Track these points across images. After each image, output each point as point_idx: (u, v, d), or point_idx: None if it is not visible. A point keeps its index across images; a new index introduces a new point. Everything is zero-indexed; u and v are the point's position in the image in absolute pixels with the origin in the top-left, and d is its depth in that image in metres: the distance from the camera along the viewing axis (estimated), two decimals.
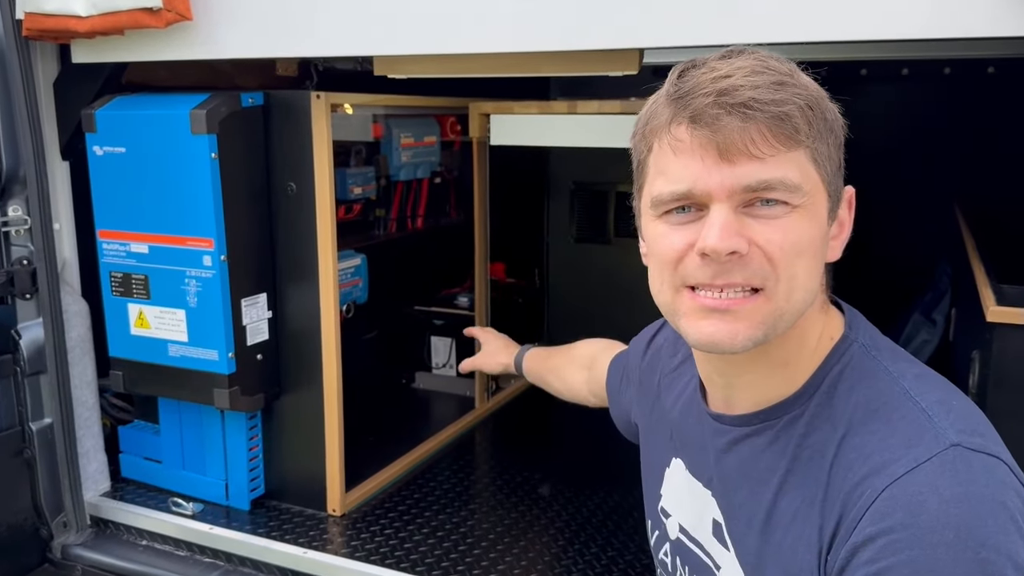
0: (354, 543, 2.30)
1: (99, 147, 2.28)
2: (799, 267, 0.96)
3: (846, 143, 1.06)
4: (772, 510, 1.04)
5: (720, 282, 0.96)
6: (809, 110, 0.96)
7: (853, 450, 0.97)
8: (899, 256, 3.43)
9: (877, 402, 0.99)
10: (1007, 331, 1.62)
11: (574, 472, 2.74)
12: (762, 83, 0.93)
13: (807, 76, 1.00)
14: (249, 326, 2.29)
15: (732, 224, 0.94)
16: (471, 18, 1.80)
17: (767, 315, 0.97)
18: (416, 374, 3.45)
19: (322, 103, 2.22)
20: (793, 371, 1.05)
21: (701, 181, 0.94)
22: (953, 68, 3.23)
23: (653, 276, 1.05)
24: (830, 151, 1.00)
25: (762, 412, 1.08)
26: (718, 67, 0.96)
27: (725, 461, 1.12)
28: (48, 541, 2.37)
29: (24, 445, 2.30)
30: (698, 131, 0.93)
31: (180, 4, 1.97)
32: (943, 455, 0.90)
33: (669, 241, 0.99)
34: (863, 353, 1.05)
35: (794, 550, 1.00)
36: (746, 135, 0.92)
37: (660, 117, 0.99)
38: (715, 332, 0.98)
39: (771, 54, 0.99)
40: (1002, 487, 0.89)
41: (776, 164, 0.93)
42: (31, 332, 2.29)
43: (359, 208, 3.01)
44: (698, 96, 0.93)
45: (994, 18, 1.41)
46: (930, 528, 0.86)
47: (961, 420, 0.95)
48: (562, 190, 3.38)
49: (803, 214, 0.96)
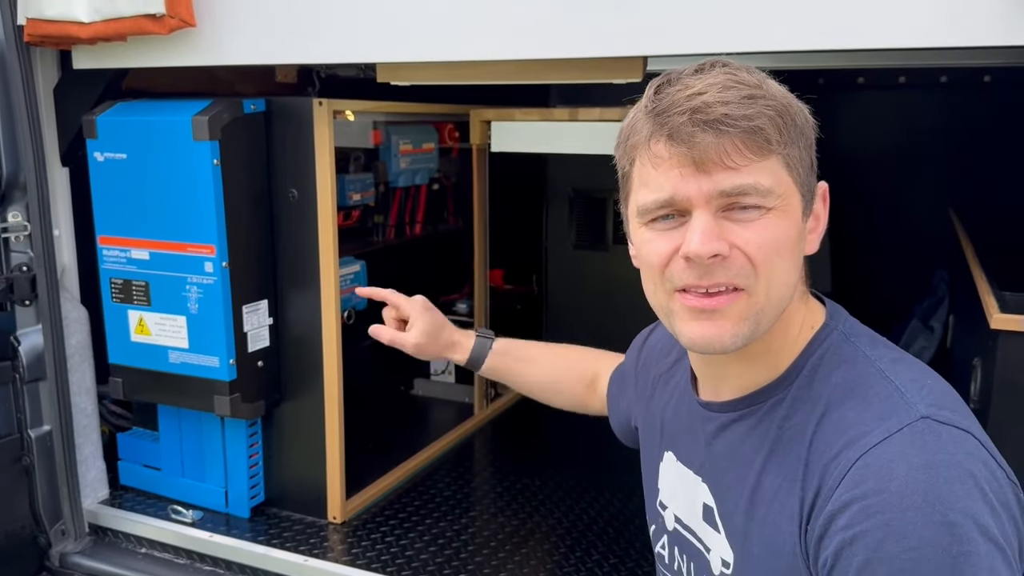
0: (355, 551, 2.29)
1: (100, 153, 2.27)
2: (777, 265, 1.02)
3: (843, 151, 1.11)
4: (756, 488, 1.09)
5: (705, 283, 1.02)
6: (779, 119, 1.02)
7: (831, 426, 1.02)
8: (896, 263, 3.45)
9: (854, 382, 1.05)
10: (1010, 338, 1.63)
11: (574, 479, 2.74)
12: (733, 98, 0.99)
13: (775, 84, 1.06)
14: (250, 333, 2.29)
15: (713, 228, 1.00)
16: (475, 26, 1.80)
17: (749, 311, 1.03)
18: (415, 381, 3.44)
19: (324, 110, 2.22)
20: (776, 358, 1.11)
21: (681, 189, 1.01)
22: (950, 76, 3.25)
23: (646, 280, 1.12)
24: (801, 153, 1.05)
25: (747, 397, 1.14)
26: (691, 84, 1.01)
27: (714, 446, 1.18)
28: (46, 549, 2.36)
29: (23, 452, 2.29)
30: (675, 148, 1.00)
31: (183, 10, 1.97)
32: (913, 426, 0.96)
33: (655, 247, 1.06)
34: (842, 340, 1.11)
35: (776, 524, 1.05)
36: (720, 149, 0.98)
37: (640, 133, 1.05)
38: (705, 334, 1.04)
39: (741, 65, 1.05)
40: (969, 457, 0.94)
41: (749, 172, 0.99)
42: (30, 339, 2.28)
43: (358, 214, 3.01)
44: (674, 115, 1.00)
45: (991, 27, 1.42)
46: (900, 493, 0.91)
47: (932, 396, 1.00)
48: (561, 197, 3.39)
49: (778, 215, 1.02)
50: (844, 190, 1.14)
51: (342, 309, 2.40)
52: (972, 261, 2.20)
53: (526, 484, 2.71)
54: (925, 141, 3.47)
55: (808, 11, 1.54)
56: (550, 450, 3.09)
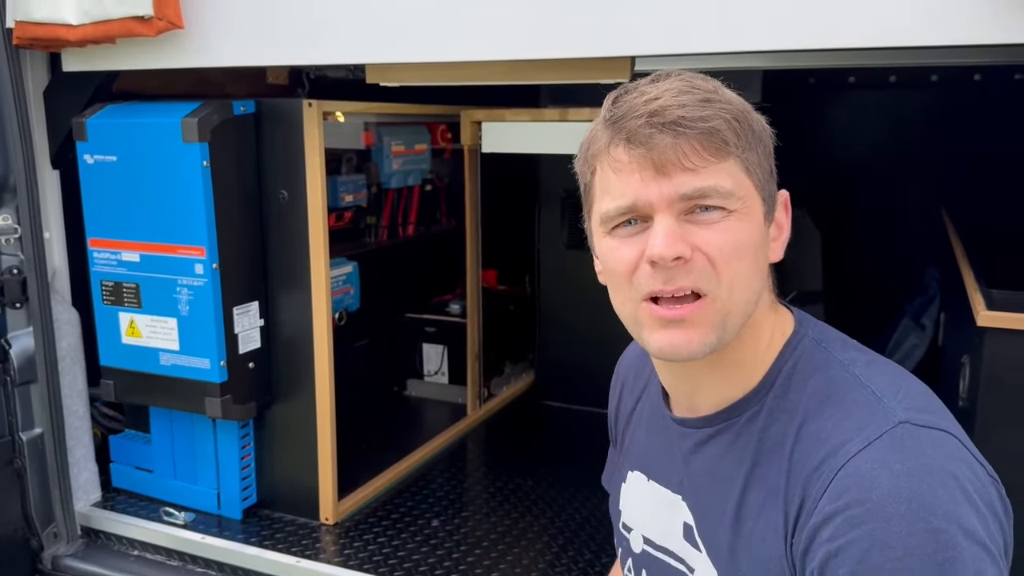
0: (347, 551, 2.29)
1: (90, 155, 2.27)
2: (739, 268, 1.02)
3: (834, 150, 1.10)
4: (741, 504, 1.08)
5: (670, 288, 1.01)
6: (736, 122, 1.02)
7: (810, 436, 1.01)
8: (887, 261, 3.46)
9: (830, 389, 1.04)
10: (997, 336, 1.64)
11: (567, 479, 2.74)
12: (689, 101, 1.00)
13: (731, 91, 1.06)
14: (241, 334, 2.29)
15: (675, 231, 1.00)
16: (463, 26, 1.81)
17: (714, 317, 1.02)
18: (408, 381, 3.44)
19: (314, 111, 2.22)
20: (749, 370, 1.10)
21: (642, 194, 1.01)
22: (940, 75, 3.26)
23: (613, 293, 1.11)
24: (760, 159, 1.06)
25: (723, 412, 1.12)
26: (648, 91, 1.02)
27: (693, 463, 1.16)
28: (38, 552, 2.36)
29: (14, 455, 2.28)
30: (634, 150, 1.00)
31: (171, 12, 1.97)
32: (892, 432, 0.95)
33: (620, 254, 1.05)
34: (814, 346, 1.10)
35: (763, 539, 1.04)
36: (678, 150, 0.98)
37: (599, 141, 1.06)
38: (672, 340, 1.04)
39: (696, 74, 1.06)
40: (950, 459, 0.93)
41: (708, 174, 0.99)
42: (21, 341, 2.28)
43: (350, 216, 3.01)
44: (631, 119, 1.00)
45: (980, 26, 1.43)
46: (883, 502, 0.90)
47: (909, 399, 1.00)
48: (553, 197, 3.38)
49: (739, 218, 1.02)
50: (835, 189, 1.14)
51: (334, 310, 2.40)
52: (961, 259, 2.21)
53: (519, 484, 2.71)
54: (916, 140, 3.48)
55: (797, 10, 1.54)
56: (543, 450, 3.09)
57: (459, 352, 3.28)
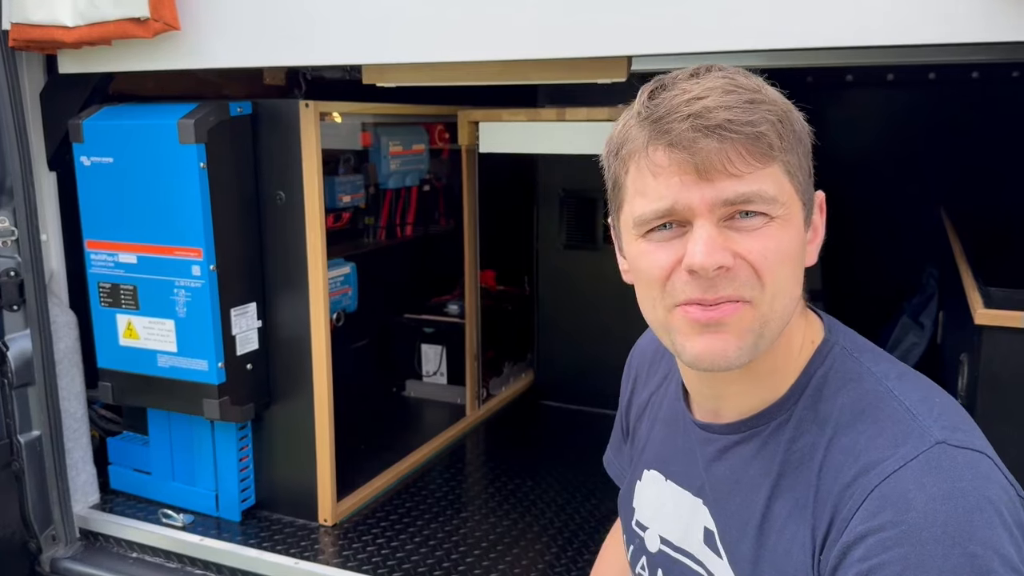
0: (346, 553, 2.29)
1: (87, 157, 2.27)
2: (782, 275, 0.98)
3: (832, 148, 1.08)
4: (766, 514, 1.05)
5: (711, 297, 0.97)
6: (780, 124, 0.98)
7: (841, 452, 0.98)
8: (886, 260, 3.46)
9: (863, 403, 1.01)
10: (995, 333, 1.64)
11: (567, 479, 2.74)
12: (735, 103, 0.95)
13: (773, 89, 1.03)
14: (239, 336, 2.29)
15: (716, 239, 0.95)
16: (460, 26, 1.80)
17: (754, 323, 0.98)
18: (407, 382, 3.44)
19: (311, 112, 2.22)
20: (779, 377, 1.07)
21: (682, 198, 0.96)
22: (938, 73, 3.26)
23: (643, 296, 1.06)
24: (800, 161, 1.02)
25: (749, 419, 1.09)
26: (689, 88, 0.97)
27: (715, 469, 1.13)
28: (37, 555, 2.35)
29: (12, 458, 2.28)
30: (676, 155, 0.96)
31: (167, 14, 1.96)
32: (929, 453, 0.92)
33: (655, 259, 1.00)
34: (845, 355, 1.07)
35: (788, 552, 1.01)
36: (723, 155, 0.94)
37: (636, 140, 1.00)
38: (710, 348, 0.99)
39: (737, 69, 1.02)
40: (986, 482, 0.91)
41: (753, 179, 0.96)
42: (19, 344, 2.28)
43: (348, 216, 3.01)
44: (674, 121, 0.95)
45: (977, 24, 1.42)
46: (919, 525, 0.87)
47: (944, 417, 0.97)
48: (551, 197, 3.38)
49: (782, 224, 0.98)
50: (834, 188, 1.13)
51: (332, 311, 2.40)
52: (959, 257, 2.21)
53: (518, 485, 2.71)
54: (914, 138, 3.48)
55: (794, 9, 1.53)
56: (542, 451, 3.09)
57: (458, 352, 3.28)
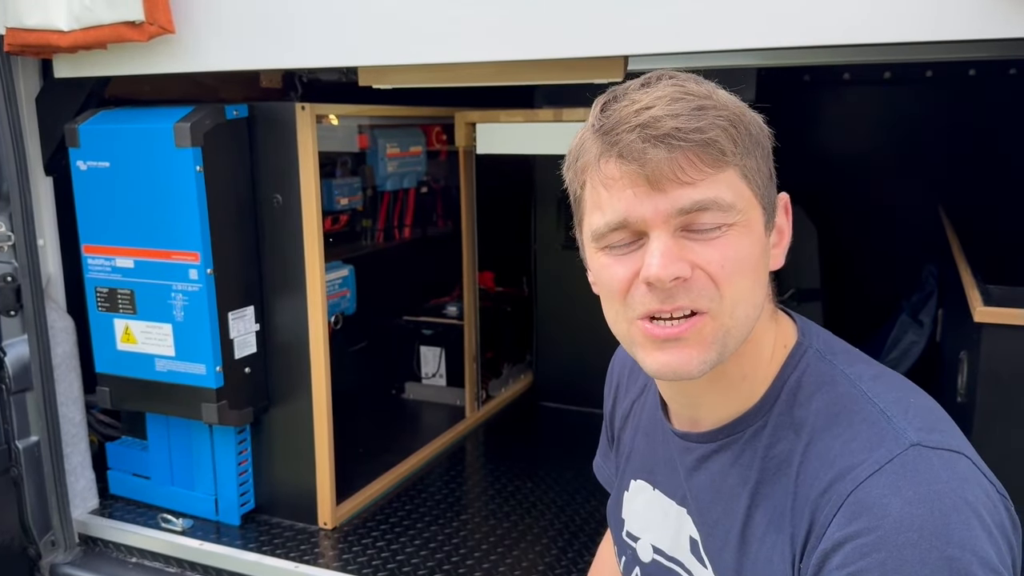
0: (346, 556, 2.28)
1: (83, 162, 2.26)
2: (741, 284, 0.97)
3: (830, 147, 1.06)
4: (747, 523, 1.05)
5: (668, 307, 0.97)
6: (733, 128, 0.97)
7: (817, 457, 0.98)
8: (885, 258, 3.45)
9: (837, 406, 1.00)
10: (994, 331, 1.63)
11: (566, 481, 2.74)
12: (683, 110, 0.94)
13: (726, 93, 1.01)
14: (236, 339, 2.28)
15: (672, 250, 0.95)
16: (456, 27, 1.80)
17: (714, 334, 0.98)
18: (406, 384, 3.43)
19: (307, 114, 2.22)
20: (752, 384, 1.06)
21: (635, 210, 0.95)
22: (935, 71, 3.26)
23: (607, 309, 1.06)
24: (758, 164, 1.00)
25: (725, 427, 1.08)
26: (638, 99, 0.97)
27: (696, 479, 1.13)
28: (36, 560, 2.34)
29: (11, 464, 2.27)
30: (626, 166, 0.95)
31: (163, 17, 1.96)
32: (904, 456, 0.92)
33: (613, 272, 1.00)
34: (818, 358, 1.06)
35: (769, 560, 1.01)
36: (674, 164, 0.93)
37: (589, 153, 1.00)
38: (669, 361, 0.99)
39: (690, 76, 1.01)
40: (963, 482, 0.91)
41: (707, 186, 0.94)
42: (16, 349, 2.27)
43: (346, 219, 3.00)
44: (622, 132, 0.95)
45: (974, 21, 1.42)
46: (895, 530, 0.87)
47: (919, 418, 0.97)
48: (549, 198, 3.38)
49: (740, 231, 0.97)
50: (832, 187, 1.13)
51: (330, 314, 2.39)
52: (958, 255, 2.21)
53: (518, 487, 2.71)
54: (912, 136, 3.48)
55: (791, 7, 1.53)
56: (542, 452, 3.08)
57: (457, 354, 3.27)
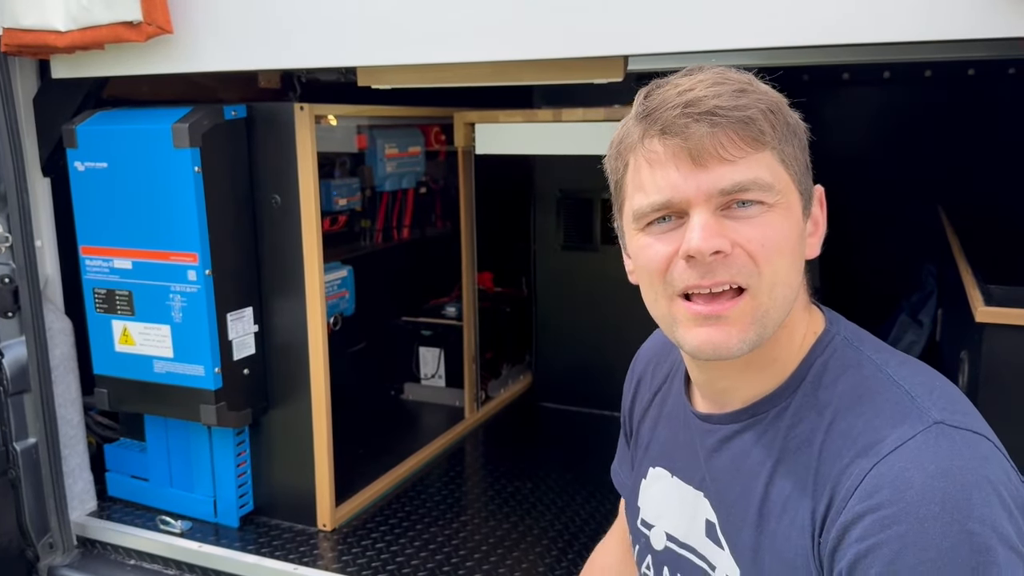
0: (345, 558, 2.27)
1: (80, 163, 2.26)
2: (779, 263, 1.00)
3: (830, 147, 1.09)
4: (764, 501, 1.06)
5: (708, 282, 0.99)
6: (771, 114, 1.01)
7: (840, 435, 0.99)
8: (885, 258, 3.45)
9: (862, 388, 1.02)
10: (995, 331, 1.63)
11: (566, 481, 2.73)
12: (724, 92, 0.99)
13: (766, 85, 1.05)
14: (235, 340, 2.27)
15: (713, 225, 0.97)
16: (454, 28, 1.79)
17: (754, 313, 1.00)
18: (405, 385, 3.43)
19: (306, 115, 2.21)
20: (780, 367, 1.08)
21: (679, 189, 0.98)
22: (934, 71, 3.25)
23: (646, 290, 1.08)
24: (796, 152, 1.04)
25: (750, 407, 1.10)
26: (681, 83, 1.01)
27: (716, 460, 1.14)
28: (34, 563, 2.34)
29: (8, 465, 2.27)
30: (670, 141, 0.99)
31: (161, 17, 1.95)
32: (927, 432, 0.93)
33: (654, 251, 1.03)
34: (845, 345, 1.08)
35: (787, 537, 1.02)
36: (715, 140, 0.97)
37: (632, 135, 1.04)
38: (711, 338, 1.01)
39: (731, 68, 1.05)
40: (984, 461, 0.92)
41: (747, 165, 0.98)
42: (14, 351, 2.26)
43: (344, 219, 3.00)
44: (666, 110, 0.99)
45: (972, 20, 1.42)
46: (916, 503, 0.88)
47: (943, 400, 0.98)
48: (548, 198, 3.37)
49: (779, 212, 1.00)
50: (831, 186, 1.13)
51: (329, 315, 2.39)
52: (958, 255, 2.20)
53: (517, 487, 2.70)
54: (912, 136, 3.48)
55: (790, 8, 1.53)
56: (541, 453, 3.08)
57: (456, 355, 3.27)
